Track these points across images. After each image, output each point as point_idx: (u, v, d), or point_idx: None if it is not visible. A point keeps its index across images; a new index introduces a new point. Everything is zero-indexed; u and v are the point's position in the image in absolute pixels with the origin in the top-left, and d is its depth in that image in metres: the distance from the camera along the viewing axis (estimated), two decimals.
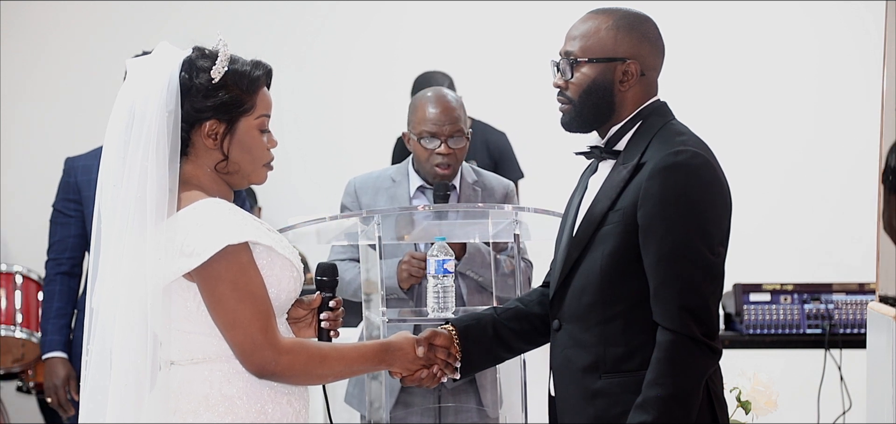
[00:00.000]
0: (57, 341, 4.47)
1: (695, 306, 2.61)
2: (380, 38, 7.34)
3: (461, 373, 2.93)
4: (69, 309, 4.48)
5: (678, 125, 2.77)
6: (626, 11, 2.80)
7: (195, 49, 2.61)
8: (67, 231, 4.47)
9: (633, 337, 2.67)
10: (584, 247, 2.73)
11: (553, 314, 2.82)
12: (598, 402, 2.69)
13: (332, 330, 2.78)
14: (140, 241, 2.51)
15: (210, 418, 2.53)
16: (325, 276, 2.81)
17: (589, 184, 2.83)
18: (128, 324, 2.51)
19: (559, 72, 2.80)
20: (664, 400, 2.57)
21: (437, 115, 3.88)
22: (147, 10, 7.11)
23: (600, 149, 2.80)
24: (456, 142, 3.90)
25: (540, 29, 6.96)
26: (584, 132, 2.83)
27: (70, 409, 4.48)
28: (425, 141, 3.89)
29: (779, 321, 5.21)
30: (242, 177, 2.65)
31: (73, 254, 4.47)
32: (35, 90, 7.21)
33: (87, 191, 4.41)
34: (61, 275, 4.48)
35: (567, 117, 2.80)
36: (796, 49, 7.20)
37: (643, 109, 2.78)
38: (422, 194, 3.98)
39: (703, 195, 2.64)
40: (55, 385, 4.46)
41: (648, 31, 2.80)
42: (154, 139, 2.52)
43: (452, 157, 3.89)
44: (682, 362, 2.59)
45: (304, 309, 2.78)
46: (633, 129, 2.77)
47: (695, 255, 2.61)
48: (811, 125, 7.18)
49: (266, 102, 2.64)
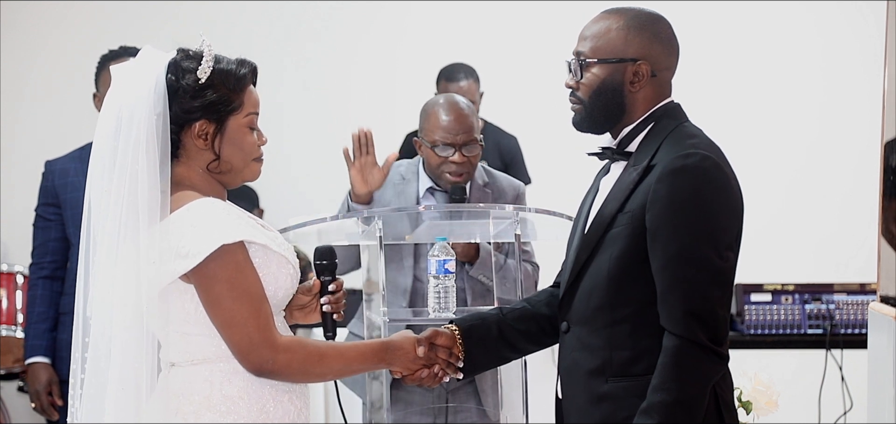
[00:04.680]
0: (39, 346, 4.47)
1: (701, 311, 2.58)
2: (384, 37, 7.33)
3: (464, 373, 2.92)
4: (51, 313, 4.47)
5: (691, 127, 2.75)
6: (639, 11, 2.77)
7: (179, 51, 2.61)
8: (47, 235, 4.46)
9: (640, 341, 2.65)
10: (592, 249, 2.72)
11: (562, 316, 2.80)
12: (604, 406, 2.68)
13: (335, 313, 2.78)
14: (133, 245, 2.51)
15: (212, 418, 2.53)
16: (323, 260, 2.81)
17: (600, 185, 2.82)
18: (125, 328, 2.51)
19: (570, 72, 2.78)
20: (668, 406, 2.56)
21: (451, 124, 3.85)
22: (149, 11, 7.10)
23: (612, 151, 2.78)
24: (470, 149, 3.87)
25: (551, 29, 6.95)
26: (594, 133, 2.81)
27: (53, 414, 4.47)
28: (439, 149, 3.86)
29: (780, 321, 5.20)
30: (235, 175, 2.65)
31: (54, 258, 4.46)
32: (34, 89, 7.21)
33: (64, 193, 4.41)
34: (43, 280, 4.47)
35: (577, 117, 2.79)
36: (799, 50, 7.19)
37: (656, 110, 2.75)
38: (430, 195, 3.96)
39: (712, 199, 2.61)
40: (37, 391, 4.45)
41: (660, 30, 2.77)
42: (143, 142, 2.52)
43: (466, 164, 3.87)
44: (687, 368, 2.57)
45: (307, 295, 2.79)
46: (645, 131, 2.75)
47: (701, 260, 2.58)
48: (813, 125, 7.17)
49: (253, 100, 2.64)
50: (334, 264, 2.81)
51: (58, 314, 4.47)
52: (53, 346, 4.47)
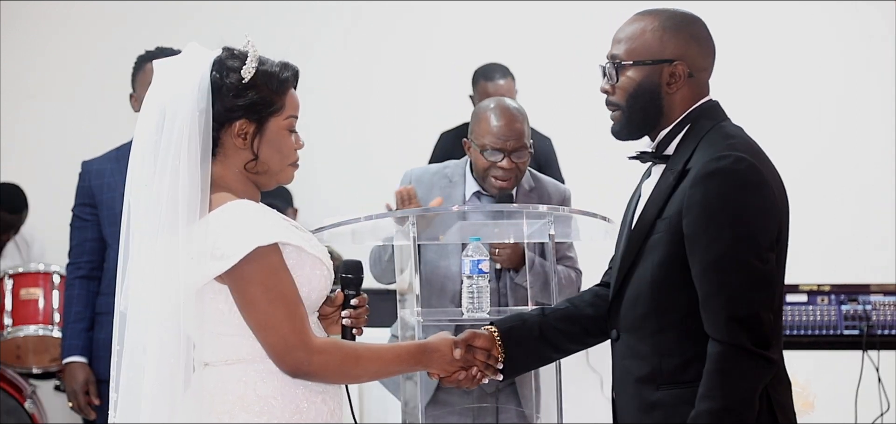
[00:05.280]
0: (76, 346, 4.49)
1: (743, 316, 2.54)
2: (409, 39, 7.34)
3: (504, 374, 2.90)
4: (88, 313, 4.49)
5: (729, 126, 2.70)
6: (673, 12, 2.73)
7: (224, 49, 2.62)
8: (84, 234, 4.49)
9: (688, 348, 2.62)
10: (635, 256, 2.69)
11: (611, 323, 2.78)
12: (656, 413, 2.65)
13: (354, 329, 2.75)
14: (172, 242, 2.52)
15: (246, 418, 2.54)
16: (349, 273, 2.79)
17: (642, 189, 2.78)
18: (161, 326, 2.51)
19: (605, 77, 2.75)
20: (715, 413, 2.52)
21: (502, 129, 3.83)
22: (172, 10, 7.14)
23: (652, 154, 2.74)
24: (519, 156, 3.85)
25: (585, 29, 6.93)
26: (634, 138, 2.76)
27: (90, 413, 4.50)
28: (487, 153, 3.84)
29: (816, 322, 5.17)
30: (271, 177, 2.65)
31: (90, 258, 4.49)
32: (71, 90, 7.27)
33: (101, 194, 4.44)
34: (79, 279, 4.50)
35: (617, 125, 2.74)
36: (841, 49, 7.14)
37: (693, 111, 2.71)
38: (477, 199, 3.94)
39: (747, 201, 2.57)
40: (75, 390, 4.48)
41: (697, 31, 2.73)
42: (186, 139, 2.53)
43: (514, 170, 3.85)
44: (732, 373, 2.53)
45: (331, 306, 2.78)
46: (682, 132, 2.71)
47: (741, 264, 2.54)
48: (851, 126, 7.12)
49: (294, 103, 2.65)
50: (360, 279, 2.78)
51: (94, 313, 4.49)
52: (90, 346, 4.49)
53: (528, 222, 3.63)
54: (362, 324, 2.78)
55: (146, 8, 7.25)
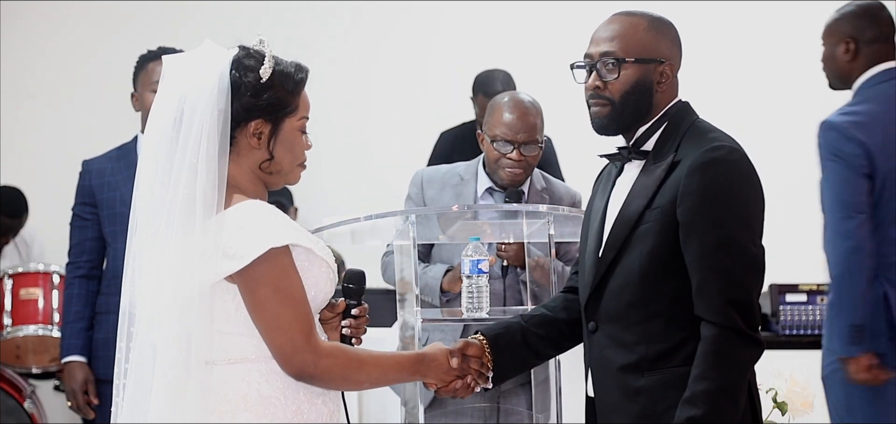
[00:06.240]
0: (75, 345, 4.49)
1: (739, 299, 2.62)
2: (409, 39, 7.34)
3: (493, 382, 2.94)
4: (87, 313, 4.49)
5: (705, 123, 2.79)
6: (653, 14, 2.82)
7: (241, 48, 2.62)
8: (84, 234, 4.49)
9: (674, 334, 2.68)
10: (619, 248, 2.73)
11: (588, 316, 2.82)
12: (642, 400, 2.69)
13: (354, 338, 2.77)
14: (188, 240, 2.51)
15: (248, 417, 2.54)
16: (351, 283, 2.81)
17: (616, 185, 2.83)
18: (171, 323, 2.51)
19: (595, 74, 2.79)
20: (712, 394, 2.58)
21: (513, 121, 3.85)
22: (172, 11, 7.15)
23: (628, 150, 2.80)
24: (529, 149, 3.86)
25: (585, 30, 6.90)
26: (618, 134, 2.82)
27: (89, 413, 4.49)
28: (498, 144, 3.86)
29: (815, 321, 5.17)
30: (281, 177, 2.66)
31: (90, 257, 4.49)
32: (71, 90, 7.28)
33: (101, 193, 4.43)
34: (79, 279, 4.49)
35: (605, 119, 2.79)
36: None
37: (670, 109, 2.79)
38: (489, 196, 3.95)
39: (743, 189, 2.66)
40: (74, 390, 4.48)
41: (676, 33, 2.83)
42: (205, 137, 2.52)
43: (524, 163, 3.86)
44: (728, 355, 2.61)
45: (331, 312, 2.79)
46: (660, 129, 2.77)
47: (739, 249, 2.63)
48: None
49: (306, 104, 2.66)
50: (362, 289, 2.80)
51: (94, 313, 4.49)
52: (90, 345, 4.49)
53: (527, 222, 3.64)
54: (362, 334, 2.80)
55: (146, 8, 7.26)
